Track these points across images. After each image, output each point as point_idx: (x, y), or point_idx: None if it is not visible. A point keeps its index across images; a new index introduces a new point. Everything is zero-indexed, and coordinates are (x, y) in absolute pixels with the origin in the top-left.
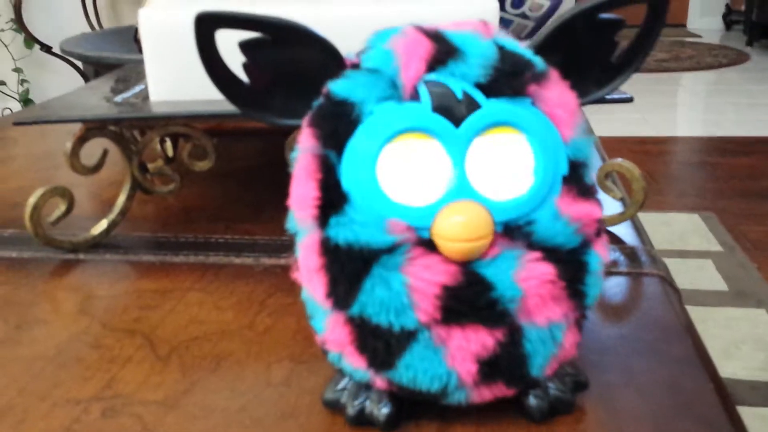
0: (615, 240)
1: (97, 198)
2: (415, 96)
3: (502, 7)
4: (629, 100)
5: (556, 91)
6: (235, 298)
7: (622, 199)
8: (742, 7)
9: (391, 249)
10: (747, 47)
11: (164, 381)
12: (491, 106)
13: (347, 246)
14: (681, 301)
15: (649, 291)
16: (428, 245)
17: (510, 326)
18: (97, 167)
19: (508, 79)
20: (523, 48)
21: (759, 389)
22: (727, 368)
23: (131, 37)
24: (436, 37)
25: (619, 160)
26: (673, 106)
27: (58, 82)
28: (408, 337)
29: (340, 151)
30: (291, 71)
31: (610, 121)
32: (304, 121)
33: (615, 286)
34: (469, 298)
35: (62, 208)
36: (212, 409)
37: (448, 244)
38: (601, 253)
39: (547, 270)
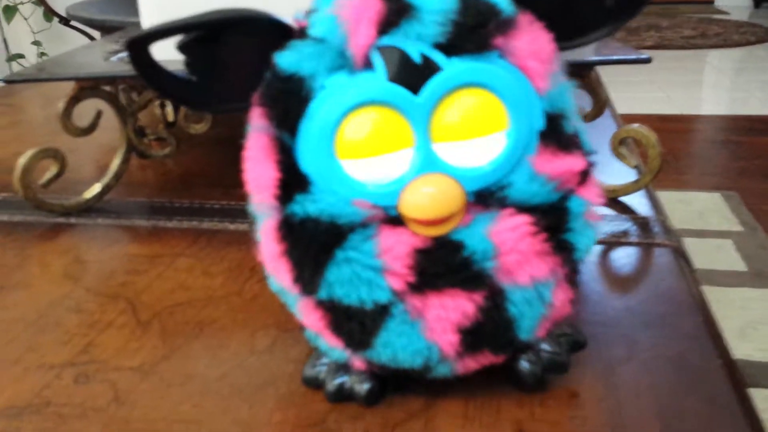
0: (627, 210)
1: (95, 162)
2: (368, 65)
3: None
4: (647, 60)
5: (527, 40)
6: (225, 264)
7: (636, 167)
8: None
9: (360, 226)
10: None
11: (143, 347)
12: (453, 68)
13: (312, 221)
14: (694, 275)
15: (660, 262)
16: (396, 222)
17: (490, 289)
18: (90, 129)
19: (469, 34)
20: None
21: None
22: (743, 349)
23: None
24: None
25: (635, 125)
26: (699, 84)
27: None
28: (382, 312)
29: (293, 132)
30: (238, 59)
31: (633, 99)
32: (254, 99)
33: (625, 257)
34: (442, 259)
35: (54, 170)
36: (190, 376)
37: (416, 226)
38: (588, 197)
39: (522, 219)
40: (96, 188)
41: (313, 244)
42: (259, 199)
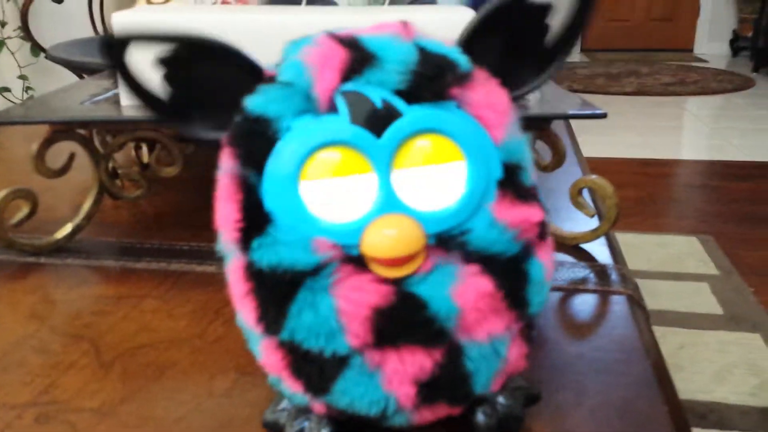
0: (586, 257)
1: (68, 202)
2: (332, 108)
3: None
4: (602, 116)
5: (483, 92)
6: (190, 306)
7: (594, 216)
8: (750, 34)
9: (317, 270)
10: (753, 73)
11: (103, 388)
12: (413, 113)
13: (271, 269)
14: (647, 321)
15: (615, 309)
16: (358, 262)
17: (449, 345)
18: (63, 170)
19: (428, 84)
20: (447, 48)
21: (749, 414)
22: (719, 392)
23: None
24: (350, 44)
25: (593, 176)
26: (677, 129)
27: None
28: (340, 362)
29: (259, 169)
30: (211, 84)
31: (612, 143)
32: (224, 140)
33: (580, 304)
34: (403, 319)
35: (25, 210)
36: (148, 418)
37: (377, 264)
38: (544, 260)
39: (485, 284)
40: (67, 228)
41: (276, 288)
42: (225, 238)
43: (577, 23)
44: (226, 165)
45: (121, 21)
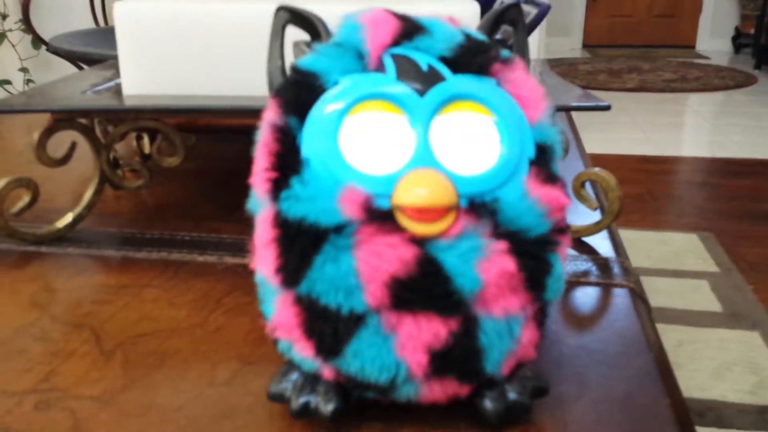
0: (588, 250)
1: (69, 192)
2: (380, 68)
3: None
4: (606, 107)
5: (522, 75)
6: (191, 296)
7: (597, 209)
8: (752, 31)
9: (340, 228)
10: (755, 70)
11: (104, 376)
12: (456, 79)
13: (297, 221)
14: (650, 314)
15: (617, 302)
16: (383, 221)
17: (465, 316)
18: (64, 160)
19: (473, 56)
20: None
21: (747, 413)
22: (717, 390)
23: None
24: (402, 16)
25: (596, 169)
26: (679, 126)
27: None
28: (356, 321)
29: (302, 117)
30: None
31: (613, 140)
32: (269, 96)
33: (583, 296)
34: (424, 289)
35: (26, 199)
36: (149, 406)
37: (408, 215)
38: (563, 256)
39: (508, 263)
40: (68, 218)
41: (301, 238)
42: (257, 190)
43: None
44: (267, 117)
45: (124, 11)
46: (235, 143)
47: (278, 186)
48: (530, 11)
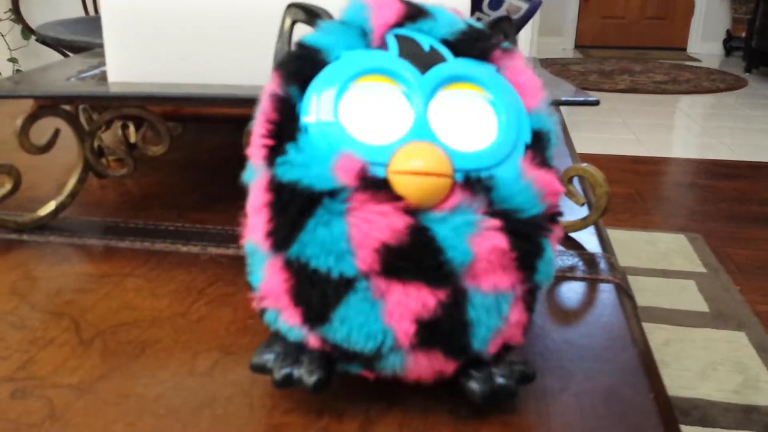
0: (575, 245)
1: (53, 180)
2: (383, 46)
3: (479, 8)
4: (595, 102)
5: (520, 63)
6: (173, 286)
7: (584, 204)
8: (743, 34)
9: (334, 193)
10: (745, 73)
11: (82, 365)
12: (457, 62)
13: (291, 185)
14: (635, 310)
15: (603, 297)
16: (377, 189)
17: (454, 288)
18: (47, 147)
19: (474, 42)
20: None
21: (732, 411)
22: (703, 389)
23: None
24: (407, 1)
25: (584, 164)
26: (669, 128)
27: None
28: (345, 285)
29: (303, 87)
30: None
31: (603, 140)
32: (272, 69)
33: (569, 291)
34: (415, 258)
35: (8, 186)
36: (127, 395)
37: (404, 181)
38: (554, 244)
39: (501, 240)
40: (51, 206)
41: (294, 200)
42: (253, 156)
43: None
44: (269, 87)
45: (112, 2)
46: (222, 133)
47: (274, 153)
48: (521, 6)
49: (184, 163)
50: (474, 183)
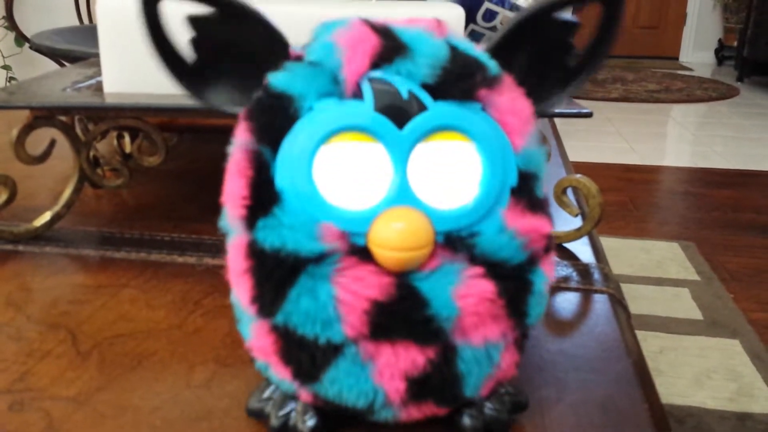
0: (569, 256)
1: (49, 190)
2: (357, 93)
3: (473, 20)
4: (588, 114)
5: (508, 98)
6: (169, 297)
7: (578, 215)
8: (735, 43)
9: (320, 258)
10: (737, 82)
11: (80, 377)
12: (438, 109)
13: (274, 251)
14: (629, 320)
15: (597, 308)
16: (362, 254)
17: (443, 344)
18: (43, 157)
19: (457, 81)
20: (477, 51)
21: (727, 419)
22: (697, 397)
23: None
24: (383, 32)
25: (578, 175)
26: (662, 136)
27: None
28: (334, 350)
29: (275, 147)
30: (236, 53)
31: (596, 149)
32: (241, 114)
33: (563, 302)
34: (402, 314)
35: (3, 196)
36: (124, 408)
37: (384, 253)
38: (548, 272)
39: (487, 288)
40: (46, 216)
41: (276, 270)
42: (230, 214)
43: (603, 42)
44: (241, 139)
45: (106, 8)
46: (217, 144)
47: (254, 214)
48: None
49: (179, 174)
50: (455, 241)
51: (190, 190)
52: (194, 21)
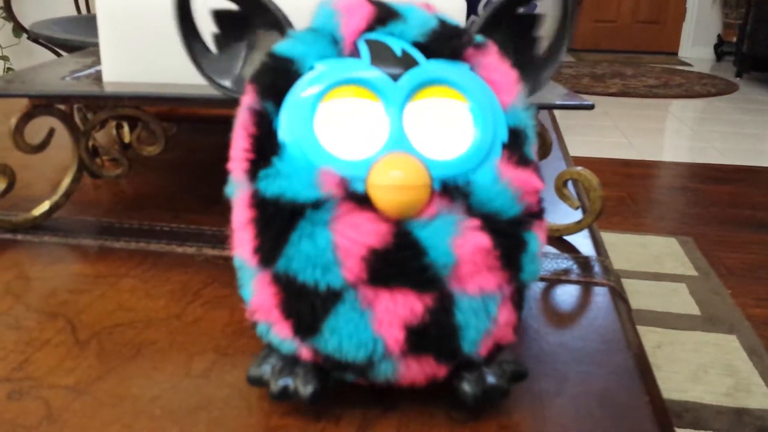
0: (570, 249)
1: (47, 180)
2: (355, 53)
3: (475, 11)
4: (590, 106)
5: (495, 58)
6: (169, 287)
7: (579, 208)
8: (734, 39)
9: (318, 204)
10: (736, 78)
11: (78, 366)
12: (430, 64)
13: (274, 199)
14: (629, 313)
15: (597, 300)
16: (361, 201)
17: (441, 292)
18: (41, 146)
19: (446, 41)
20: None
21: (724, 414)
22: (694, 392)
23: None
24: (377, 3)
25: (579, 168)
26: (661, 132)
27: None
28: (333, 297)
29: (278, 102)
30: (255, 47)
31: (595, 144)
32: (248, 79)
33: (563, 294)
34: (399, 262)
35: (2, 185)
36: (123, 397)
37: (383, 195)
38: (540, 237)
39: (483, 239)
40: (45, 206)
41: (277, 216)
42: (235, 171)
43: (561, 30)
44: (246, 101)
45: (107, 1)
46: (217, 134)
47: (256, 166)
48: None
49: (178, 164)
50: (452, 190)
51: (189, 181)
52: (218, 15)
